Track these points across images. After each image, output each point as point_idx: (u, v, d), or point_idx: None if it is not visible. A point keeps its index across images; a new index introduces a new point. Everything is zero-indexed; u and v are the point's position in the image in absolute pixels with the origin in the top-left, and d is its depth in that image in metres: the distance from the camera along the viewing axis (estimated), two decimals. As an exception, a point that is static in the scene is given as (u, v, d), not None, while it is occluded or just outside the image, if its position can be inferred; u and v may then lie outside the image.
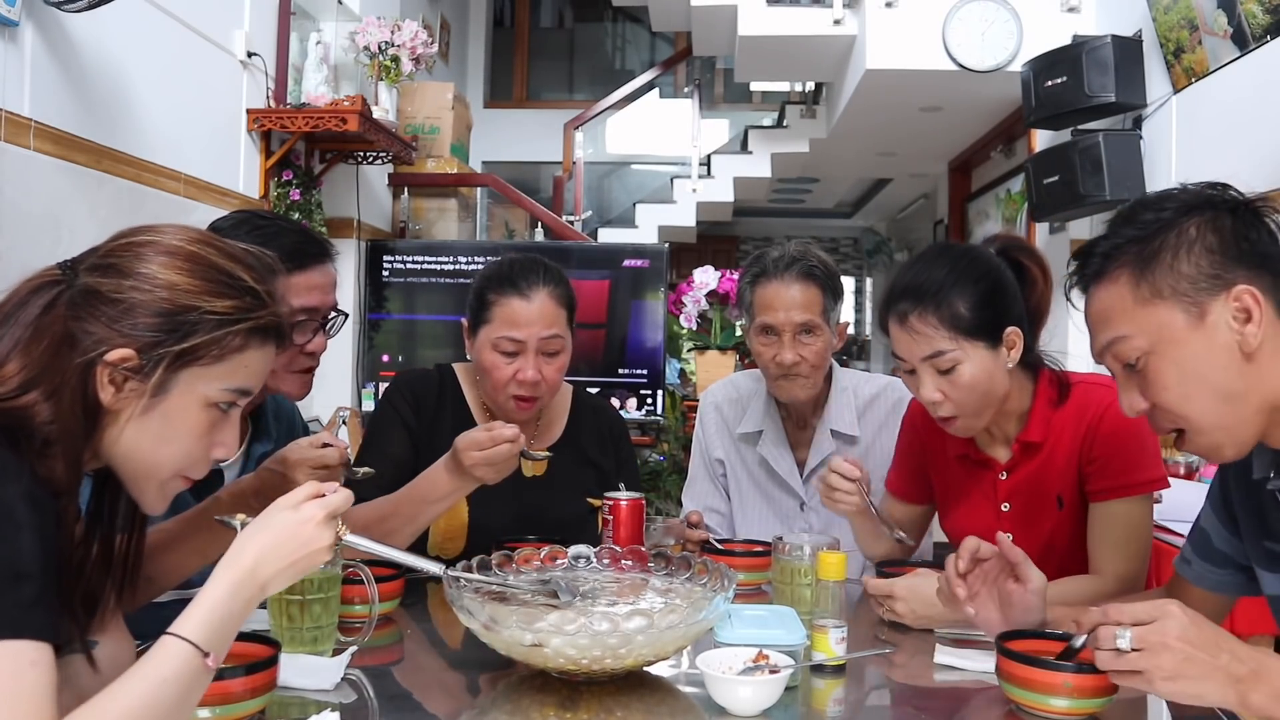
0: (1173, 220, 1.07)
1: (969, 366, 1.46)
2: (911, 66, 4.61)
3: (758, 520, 2.03)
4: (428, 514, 1.60)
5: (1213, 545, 1.27)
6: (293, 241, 1.51)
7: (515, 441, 1.51)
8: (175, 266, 0.97)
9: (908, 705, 1.22)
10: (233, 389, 1.00)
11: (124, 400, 0.95)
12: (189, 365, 0.96)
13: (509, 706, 1.11)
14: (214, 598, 0.91)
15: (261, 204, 3.40)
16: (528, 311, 1.68)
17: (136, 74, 2.65)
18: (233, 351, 0.98)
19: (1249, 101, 3.04)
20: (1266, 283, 1.05)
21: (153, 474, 0.99)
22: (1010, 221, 5.82)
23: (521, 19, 8.54)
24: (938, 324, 1.45)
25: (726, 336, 4.21)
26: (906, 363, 1.51)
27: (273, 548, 0.95)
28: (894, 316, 1.50)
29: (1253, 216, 1.08)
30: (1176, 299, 1.06)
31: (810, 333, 1.86)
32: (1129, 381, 1.12)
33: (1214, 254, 1.05)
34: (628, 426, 2.04)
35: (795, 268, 1.86)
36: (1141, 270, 1.07)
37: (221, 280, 0.99)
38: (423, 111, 4.57)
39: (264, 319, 1.01)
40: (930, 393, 1.48)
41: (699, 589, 1.28)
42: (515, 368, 1.69)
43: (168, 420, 0.97)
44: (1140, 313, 1.07)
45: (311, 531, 0.96)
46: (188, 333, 0.95)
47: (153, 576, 1.27)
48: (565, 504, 1.82)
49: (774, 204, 10.03)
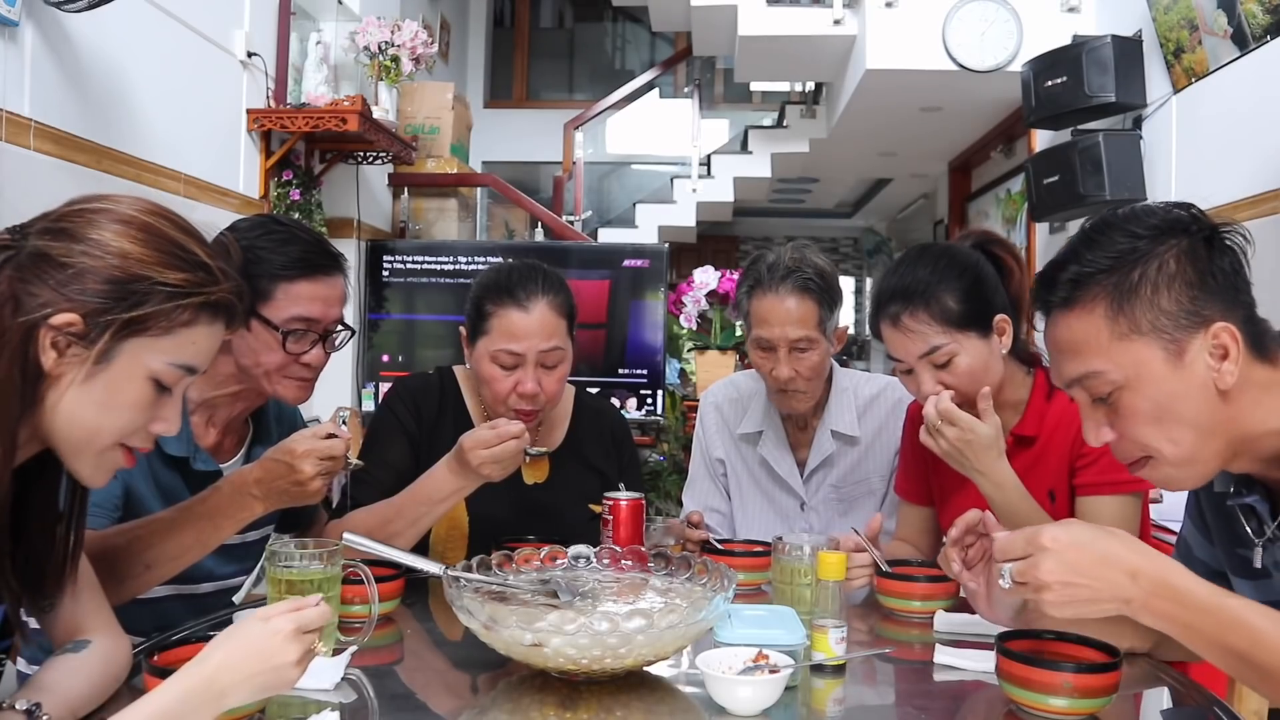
0: (1149, 249, 1.05)
1: (965, 357, 1.50)
2: (911, 66, 4.61)
3: (758, 520, 2.03)
4: (431, 515, 1.59)
5: (1194, 555, 1.27)
6: (301, 249, 1.50)
7: (521, 438, 1.52)
8: (129, 235, 0.96)
9: (908, 705, 1.22)
10: (177, 364, 0.99)
11: (65, 365, 0.93)
12: (135, 335, 0.95)
13: (509, 706, 1.11)
14: (163, 699, 0.88)
15: (261, 204, 3.40)
16: (526, 324, 1.66)
17: (136, 74, 2.65)
18: (181, 325, 0.97)
19: (1249, 101, 3.04)
20: (1239, 316, 1.05)
21: (90, 443, 0.97)
22: (1010, 221, 5.82)
23: (521, 19, 8.55)
24: (929, 320, 1.50)
25: (726, 336, 4.21)
26: (904, 363, 1.53)
27: (237, 658, 0.91)
28: (886, 320, 1.54)
29: (1224, 244, 1.07)
30: (1156, 335, 1.04)
31: (805, 348, 1.84)
32: (1095, 412, 1.10)
33: (1193, 289, 1.04)
34: (630, 428, 2.04)
35: (790, 280, 1.82)
36: (1120, 303, 1.05)
37: (175, 252, 0.98)
38: (423, 111, 4.57)
39: (215, 295, 1.00)
40: (931, 388, 1.50)
41: (699, 589, 1.28)
42: (514, 380, 1.67)
43: (109, 390, 0.95)
44: (1118, 348, 1.05)
45: (278, 645, 0.92)
46: (137, 302, 0.94)
47: (151, 564, 1.28)
48: (568, 510, 1.81)
49: (774, 204, 10.02)
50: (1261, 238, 1.09)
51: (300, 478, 1.33)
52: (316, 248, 1.53)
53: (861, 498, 1.97)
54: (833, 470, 1.99)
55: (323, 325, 1.52)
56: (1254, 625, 0.97)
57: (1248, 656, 0.97)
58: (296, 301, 1.49)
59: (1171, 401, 1.05)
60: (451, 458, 1.56)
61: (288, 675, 0.93)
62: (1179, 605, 0.99)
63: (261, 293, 1.47)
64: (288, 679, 0.93)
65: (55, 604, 1.06)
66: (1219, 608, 0.98)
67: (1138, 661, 1.26)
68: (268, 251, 1.48)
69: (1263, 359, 1.06)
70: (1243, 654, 0.97)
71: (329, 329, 1.54)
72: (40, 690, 0.98)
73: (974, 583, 1.22)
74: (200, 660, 0.91)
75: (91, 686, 1.03)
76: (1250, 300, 1.07)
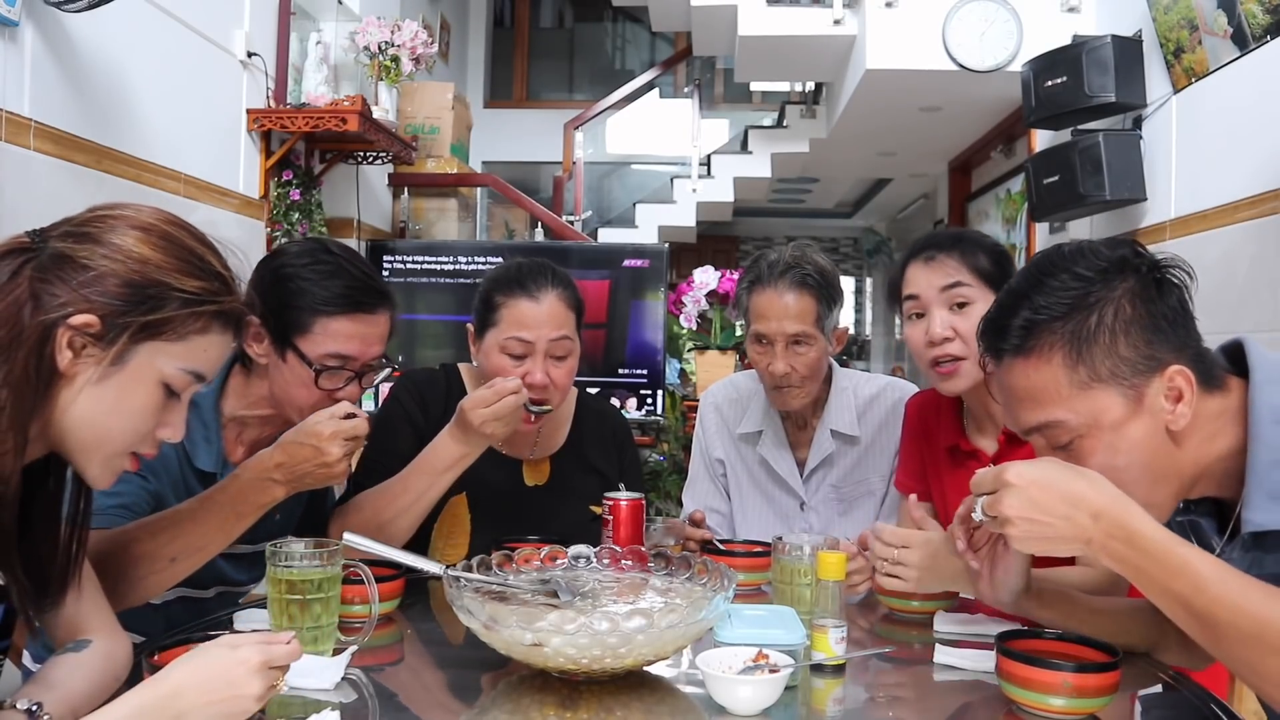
0: (1102, 293, 1.05)
1: (982, 306, 1.52)
2: (911, 66, 4.61)
3: (758, 520, 2.03)
4: (437, 485, 1.58)
5: None
6: (345, 283, 1.46)
7: (519, 393, 1.52)
8: (149, 242, 0.98)
9: (908, 705, 1.22)
10: (188, 370, 1.01)
11: (80, 366, 0.95)
12: (150, 339, 0.97)
13: (509, 706, 1.11)
14: (119, 713, 0.87)
15: (261, 204, 3.40)
16: (536, 313, 1.67)
17: (136, 74, 2.65)
18: (195, 333, 1.00)
19: (1249, 101, 3.04)
20: (1189, 355, 1.06)
21: (101, 446, 0.99)
22: (1010, 221, 5.82)
23: (521, 19, 8.55)
24: (960, 264, 1.58)
25: (726, 336, 4.22)
26: (920, 300, 1.57)
27: (199, 681, 0.89)
28: (917, 260, 1.61)
29: (1168, 282, 1.07)
30: (1115, 383, 1.04)
31: (802, 343, 1.84)
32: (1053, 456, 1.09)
33: (1147, 332, 1.04)
34: (631, 429, 2.04)
35: (789, 276, 1.83)
36: (1079, 351, 1.05)
37: (192, 261, 1.00)
38: (423, 111, 4.58)
39: (228, 305, 1.03)
40: (941, 328, 1.54)
41: (699, 589, 1.28)
42: (524, 371, 1.67)
43: (121, 392, 0.97)
44: (1078, 397, 1.05)
45: (242, 675, 0.90)
46: (154, 306, 0.97)
47: (176, 556, 1.28)
48: (568, 511, 1.81)
49: (774, 204, 10.03)
50: (1262, 238, 1.09)
51: (328, 459, 1.32)
52: (362, 284, 1.48)
53: (861, 498, 1.97)
54: (832, 470, 1.99)
55: (360, 363, 1.48)
56: (1198, 572, 0.98)
57: (1189, 603, 0.99)
58: (334, 338, 1.45)
59: (1130, 448, 1.05)
60: (453, 424, 1.56)
61: (245, 707, 0.91)
62: (1132, 548, 1.00)
63: (299, 325, 1.44)
64: (244, 710, 0.91)
65: (58, 605, 1.06)
66: (1168, 554, 0.99)
67: (1138, 661, 1.27)
68: (311, 283, 1.45)
69: (1211, 390, 1.07)
70: (1186, 600, 0.99)
71: (367, 365, 1.50)
72: (41, 689, 0.98)
73: (976, 563, 1.23)
74: (159, 679, 0.90)
75: (92, 686, 1.03)
76: (1196, 336, 1.08)
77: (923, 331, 1.56)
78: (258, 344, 1.46)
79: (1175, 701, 1.17)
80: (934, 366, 1.60)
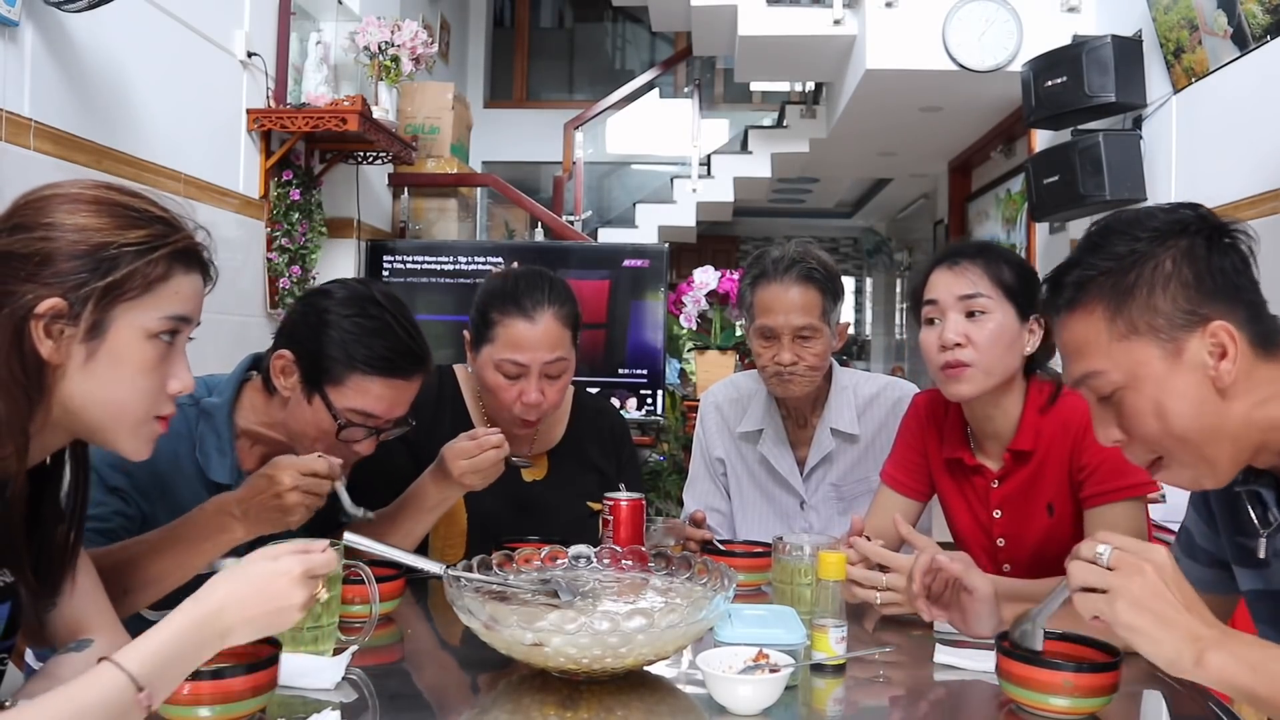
0: (1147, 251, 1.06)
1: (998, 318, 1.54)
2: (911, 66, 4.61)
3: (758, 519, 2.04)
4: (423, 523, 1.61)
5: (1195, 543, 1.28)
6: (388, 346, 1.43)
7: (500, 448, 1.54)
8: (81, 210, 0.97)
9: (908, 705, 1.22)
10: (169, 316, 1.00)
11: (64, 350, 0.95)
12: (119, 301, 0.97)
13: (509, 706, 1.11)
14: (167, 633, 0.89)
15: (261, 204, 3.40)
16: (532, 335, 1.67)
17: (136, 74, 2.65)
18: (158, 280, 0.99)
19: (1249, 101, 3.04)
20: (1241, 316, 1.05)
21: (119, 420, 0.99)
22: (1010, 221, 5.82)
23: (521, 19, 8.55)
24: (982, 274, 1.57)
25: (726, 336, 4.21)
26: (938, 305, 1.56)
27: (242, 596, 0.92)
28: (943, 265, 1.60)
29: (1226, 244, 1.07)
30: (1153, 335, 1.05)
31: (808, 336, 1.86)
32: (1105, 413, 1.11)
33: (1190, 289, 1.05)
34: (629, 427, 2.04)
35: (795, 270, 1.86)
36: (1117, 305, 1.07)
37: (129, 214, 1.00)
38: (423, 111, 4.57)
39: (180, 242, 1.01)
40: (954, 333, 1.54)
41: (699, 588, 1.28)
42: (518, 389, 1.69)
43: (114, 361, 0.97)
44: (1116, 348, 1.07)
45: (284, 586, 0.94)
46: (109, 268, 0.96)
47: (129, 588, 1.25)
48: (565, 506, 1.82)
49: (774, 204, 10.03)
50: (1262, 237, 1.09)
51: (279, 489, 1.29)
52: (405, 349, 1.44)
53: (861, 496, 1.97)
54: (833, 468, 1.99)
55: (383, 420, 1.46)
56: None
57: None
58: (365, 397, 1.42)
59: (1172, 401, 1.05)
60: (435, 467, 1.57)
61: (290, 617, 0.94)
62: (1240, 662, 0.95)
63: (333, 376, 1.41)
64: (289, 620, 0.94)
65: (55, 603, 1.06)
66: None
67: (1138, 661, 1.26)
68: (353, 337, 1.41)
69: (1270, 354, 1.06)
70: None
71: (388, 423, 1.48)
72: (42, 689, 0.98)
73: (930, 615, 1.29)
74: (202, 597, 0.92)
75: None
76: (1256, 299, 1.07)
77: (936, 335, 1.56)
78: (285, 378, 1.44)
79: (1175, 701, 1.17)
80: (942, 369, 1.60)
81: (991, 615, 1.27)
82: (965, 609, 1.28)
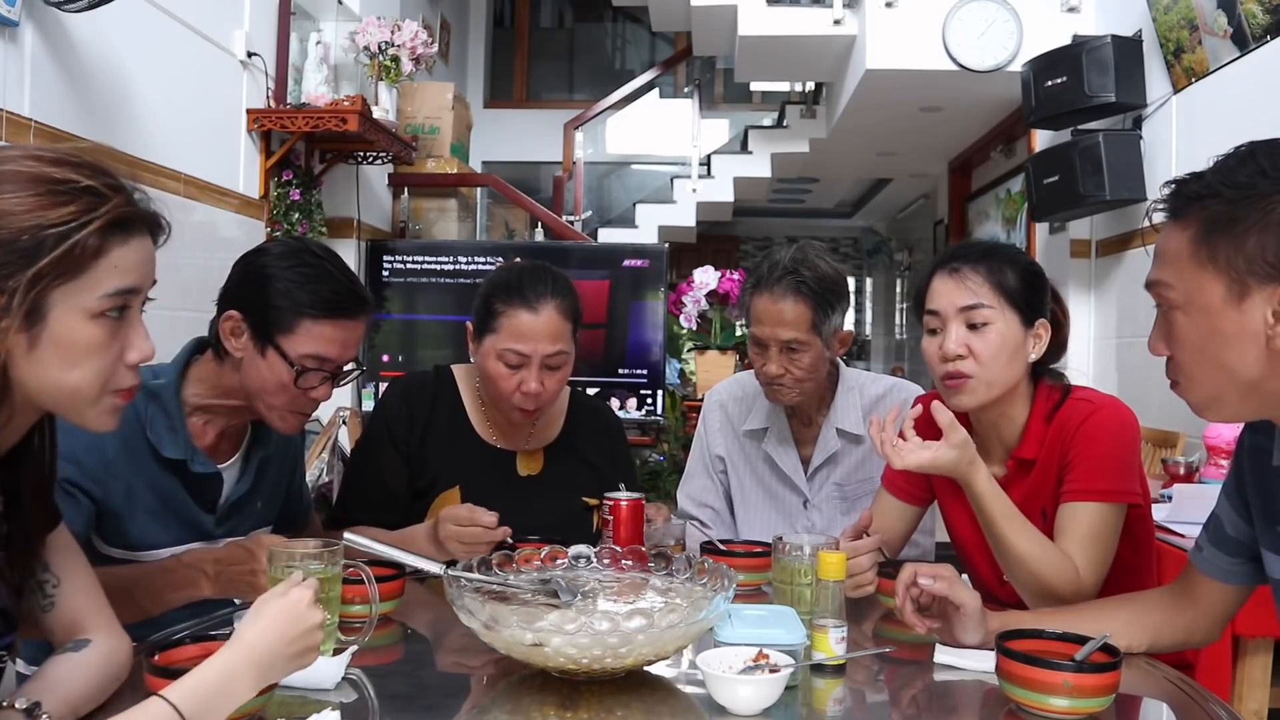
0: (1269, 192, 1.04)
1: (1000, 328, 1.51)
2: (911, 66, 4.61)
3: (760, 517, 2.04)
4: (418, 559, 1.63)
5: (1225, 532, 1.27)
6: (331, 289, 1.47)
7: (492, 529, 1.56)
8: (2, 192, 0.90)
9: (908, 705, 1.22)
10: (112, 293, 0.94)
11: (6, 342, 0.90)
12: (54, 286, 0.91)
13: (509, 706, 1.11)
14: (211, 671, 0.94)
15: (261, 204, 3.40)
16: (534, 326, 1.69)
17: (136, 74, 2.65)
18: (91, 257, 0.92)
19: (1249, 101, 3.04)
20: None
21: (75, 399, 0.96)
22: (1010, 222, 5.82)
23: (521, 19, 8.54)
24: (984, 281, 1.54)
25: (726, 336, 4.22)
26: (940, 315, 1.54)
27: (269, 629, 0.98)
28: (943, 271, 1.57)
29: None
30: (1226, 272, 1.04)
31: (796, 349, 1.85)
32: (1162, 322, 1.12)
33: None
34: (626, 427, 2.05)
35: (785, 282, 1.84)
36: (1209, 231, 1.05)
37: (53, 189, 0.91)
38: (423, 111, 4.57)
39: (113, 213, 0.94)
40: (955, 345, 1.52)
41: (699, 588, 1.28)
42: (519, 379, 1.71)
43: (60, 347, 0.92)
44: (1188, 270, 1.07)
45: (303, 611, 1.01)
46: (34, 254, 0.89)
47: None
48: (561, 501, 1.83)
49: (774, 204, 10.03)
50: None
51: (256, 567, 1.33)
52: (347, 290, 1.50)
53: (865, 497, 1.97)
54: (837, 468, 1.99)
55: (336, 364, 1.50)
56: None
57: None
58: (317, 341, 1.46)
59: (1217, 340, 1.05)
60: (431, 524, 1.63)
61: (316, 638, 1.02)
62: None
63: (282, 325, 1.44)
64: (318, 640, 1.02)
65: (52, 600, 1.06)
66: None
67: (1138, 661, 1.27)
68: (296, 285, 1.46)
69: None
70: None
71: (342, 367, 1.52)
72: (40, 689, 0.98)
73: (923, 627, 1.28)
74: (234, 644, 0.97)
75: (91, 686, 1.03)
76: None
77: (938, 346, 1.55)
78: (235, 338, 1.47)
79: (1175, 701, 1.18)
80: (944, 380, 1.59)
81: (979, 627, 1.26)
82: (953, 622, 1.27)
